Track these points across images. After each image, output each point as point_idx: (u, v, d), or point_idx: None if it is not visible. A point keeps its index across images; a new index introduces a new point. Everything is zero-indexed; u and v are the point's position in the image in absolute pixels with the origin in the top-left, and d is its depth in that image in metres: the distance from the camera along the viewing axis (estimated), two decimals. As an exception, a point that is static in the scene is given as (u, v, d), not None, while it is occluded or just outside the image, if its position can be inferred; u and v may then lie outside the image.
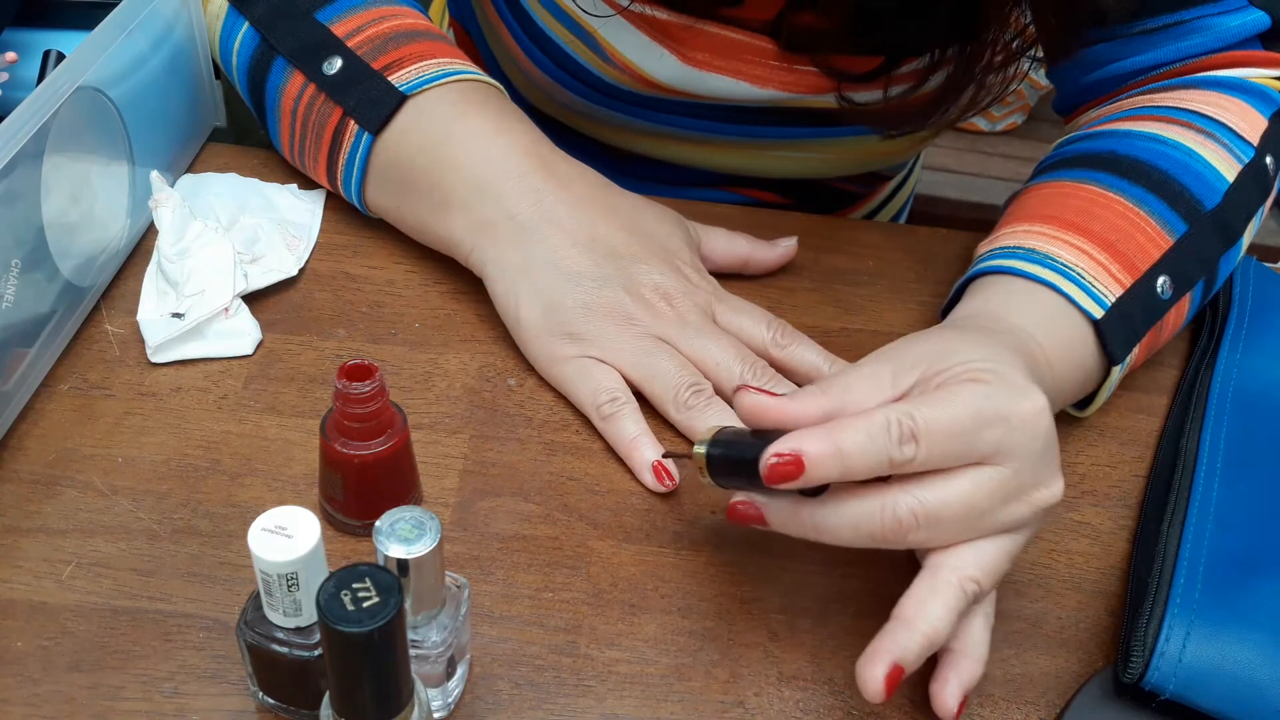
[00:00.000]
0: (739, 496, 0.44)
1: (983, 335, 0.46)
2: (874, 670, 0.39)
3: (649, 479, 0.51)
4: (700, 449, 0.44)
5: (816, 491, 0.41)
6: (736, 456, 0.42)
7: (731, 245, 0.61)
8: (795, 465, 0.38)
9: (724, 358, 0.53)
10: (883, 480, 0.41)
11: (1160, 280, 0.53)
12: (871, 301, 0.63)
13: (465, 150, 0.56)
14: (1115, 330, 0.51)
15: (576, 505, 0.50)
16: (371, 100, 0.57)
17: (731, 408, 0.50)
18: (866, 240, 0.68)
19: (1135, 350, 0.53)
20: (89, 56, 0.54)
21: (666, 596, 0.47)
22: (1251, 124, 0.58)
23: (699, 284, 0.57)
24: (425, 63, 0.58)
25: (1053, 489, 0.42)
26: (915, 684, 0.45)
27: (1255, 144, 0.58)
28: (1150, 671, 0.43)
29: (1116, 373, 0.53)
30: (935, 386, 0.41)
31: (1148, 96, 0.62)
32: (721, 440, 0.44)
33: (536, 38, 0.68)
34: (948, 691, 0.41)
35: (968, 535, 0.41)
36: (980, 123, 1.70)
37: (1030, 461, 0.41)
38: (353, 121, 0.57)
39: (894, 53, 0.61)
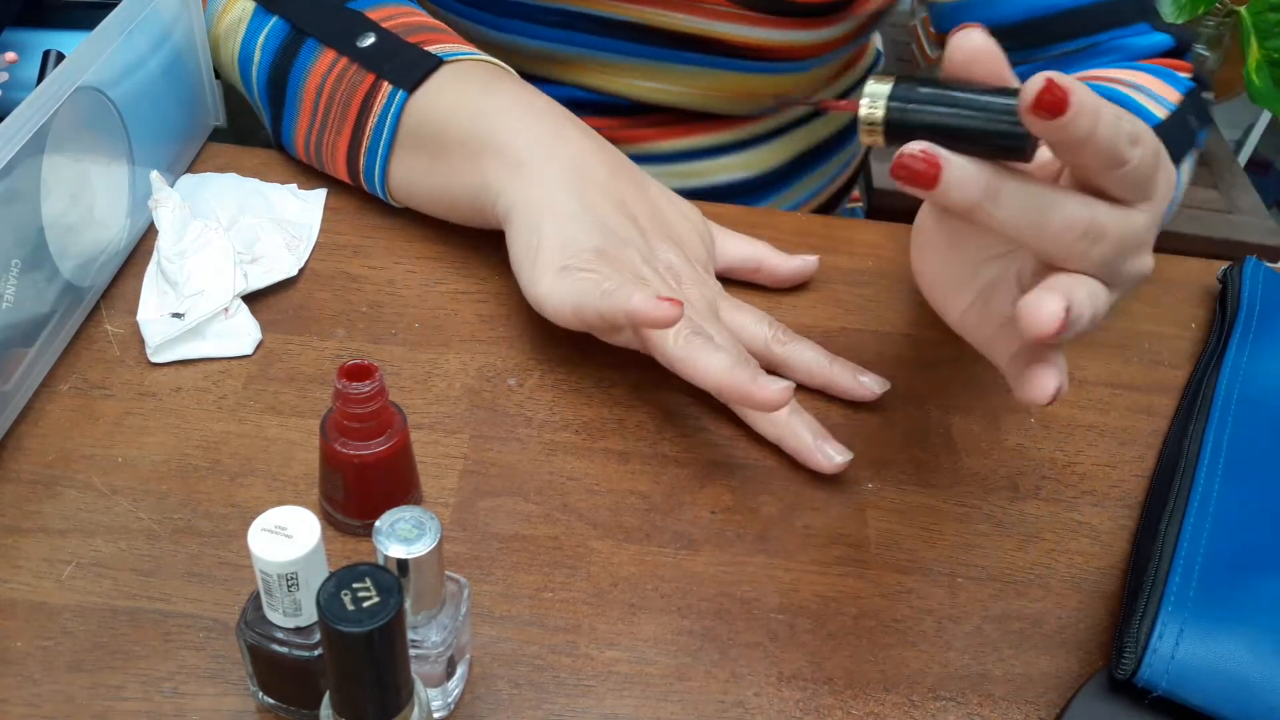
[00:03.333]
0: (913, 146, 0.37)
1: None
2: (1054, 304, 0.36)
3: (647, 309, 0.48)
4: (877, 102, 0.38)
5: (1021, 152, 0.37)
6: (938, 110, 0.37)
7: (749, 249, 0.61)
8: (1063, 96, 0.34)
9: (719, 341, 0.52)
10: None
11: (1190, 117, 0.56)
12: (871, 301, 0.63)
13: (508, 101, 0.57)
14: (1172, 135, 0.53)
15: (576, 505, 0.50)
16: (407, 64, 0.59)
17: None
18: (866, 240, 0.68)
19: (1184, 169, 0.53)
20: (89, 56, 0.54)
21: (666, 596, 0.47)
22: (1168, 92, 0.61)
23: (707, 280, 0.57)
24: (455, 44, 0.61)
25: (1150, 260, 0.41)
26: (914, 684, 0.45)
27: (1175, 103, 0.61)
28: (1142, 668, 0.43)
29: (1187, 165, 0.55)
30: None
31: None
32: (902, 93, 0.38)
33: None
34: (1047, 375, 0.39)
35: (1107, 270, 0.39)
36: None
37: (1156, 218, 0.40)
38: (386, 84, 0.59)
39: None
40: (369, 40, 0.60)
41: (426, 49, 0.59)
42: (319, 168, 0.65)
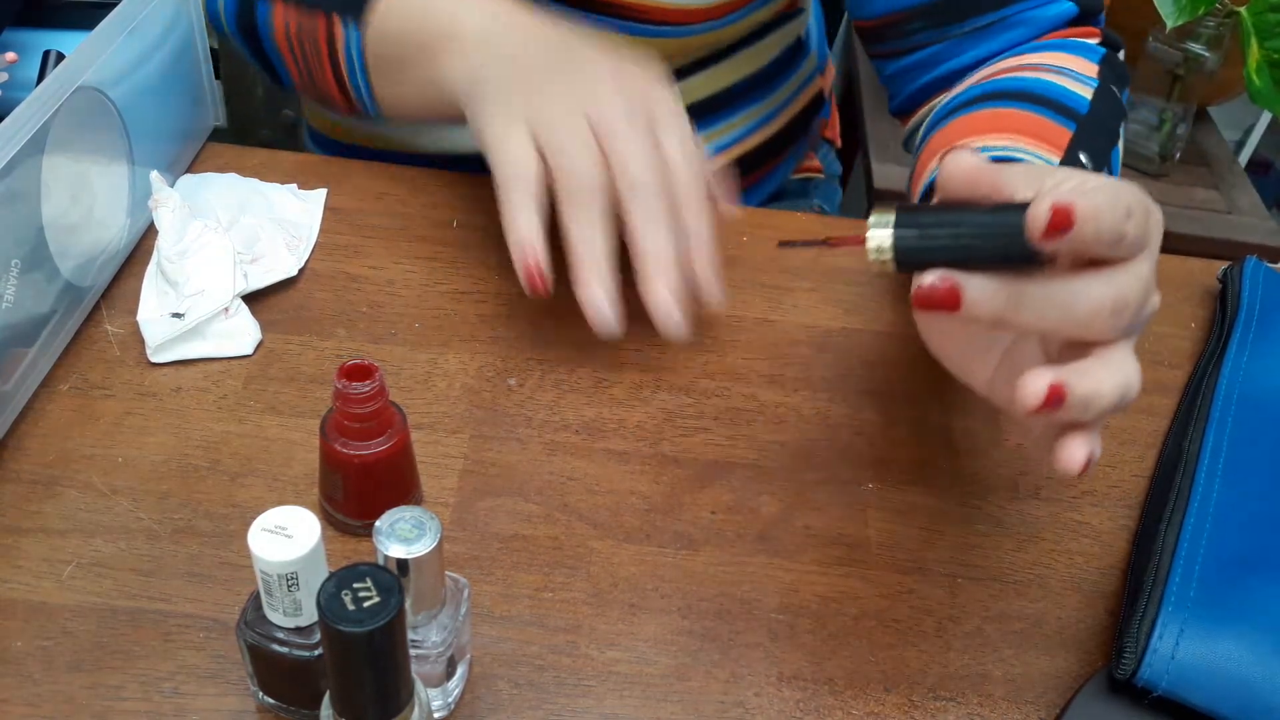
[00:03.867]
0: (930, 276, 0.38)
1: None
2: (1041, 379, 0.38)
3: (521, 269, 0.50)
4: (883, 234, 0.39)
5: (1035, 263, 0.38)
6: (946, 236, 0.38)
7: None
8: (1069, 216, 0.36)
9: (640, 161, 0.51)
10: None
11: (1081, 155, 0.55)
12: (871, 301, 0.63)
13: (450, 6, 0.57)
14: (1103, 108, 0.55)
15: (576, 505, 0.50)
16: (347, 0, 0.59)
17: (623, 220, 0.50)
18: (866, 240, 0.68)
19: None
20: (89, 56, 0.54)
21: (666, 596, 0.47)
22: (1085, 66, 0.63)
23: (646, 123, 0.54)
24: None
25: (1157, 298, 0.42)
26: (914, 684, 0.45)
27: (1095, 76, 0.62)
28: (1143, 668, 0.43)
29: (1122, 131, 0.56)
30: (1081, 189, 0.40)
31: (990, 70, 0.65)
32: (907, 223, 0.39)
33: None
34: (1077, 446, 0.40)
35: (1129, 332, 0.40)
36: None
37: (1155, 259, 0.41)
38: (338, 20, 0.59)
39: None
40: None
41: None
42: (327, 106, 0.66)
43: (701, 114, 0.77)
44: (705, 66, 0.76)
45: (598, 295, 0.50)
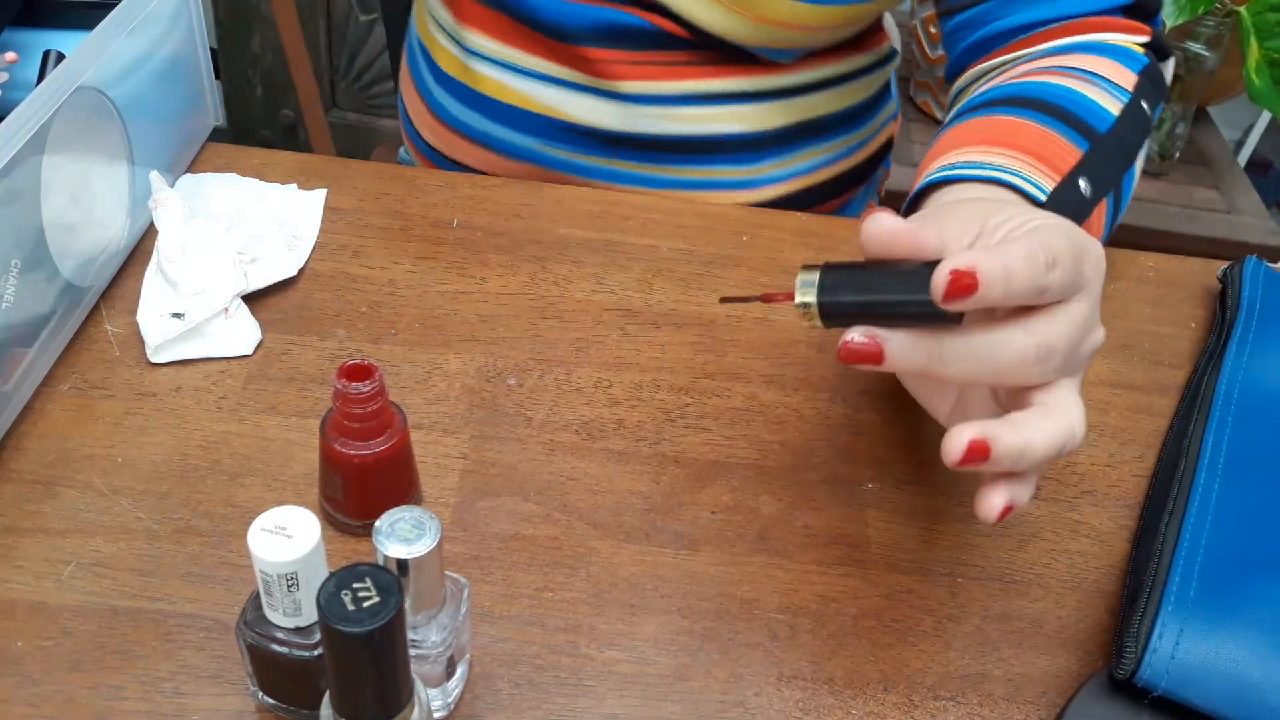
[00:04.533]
0: (853, 333, 0.41)
1: (1002, 201, 0.47)
2: (964, 435, 0.39)
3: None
4: (808, 292, 0.41)
5: (950, 321, 0.40)
6: (865, 295, 0.40)
7: None
8: (970, 280, 0.38)
9: None
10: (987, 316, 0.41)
11: (1081, 181, 0.56)
12: (871, 301, 0.63)
13: None
14: (1127, 128, 0.56)
15: (576, 505, 0.50)
16: None
17: None
18: (866, 240, 0.68)
19: None
20: (89, 56, 0.54)
21: (666, 596, 0.47)
22: (1124, 77, 0.64)
23: None
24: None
25: (1101, 332, 0.43)
26: (914, 684, 0.45)
27: (1130, 90, 0.63)
28: (1142, 668, 0.43)
29: (1142, 152, 0.57)
30: (1016, 235, 0.42)
31: (1030, 64, 0.66)
32: (831, 282, 0.41)
33: None
34: (995, 495, 0.41)
35: (1063, 374, 0.42)
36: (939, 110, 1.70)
37: (1094, 301, 0.42)
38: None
39: None
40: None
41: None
42: None
43: (789, 139, 0.78)
44: (798, 94, 0.77)
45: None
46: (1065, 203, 0.54)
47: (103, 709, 0.41)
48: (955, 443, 0.39)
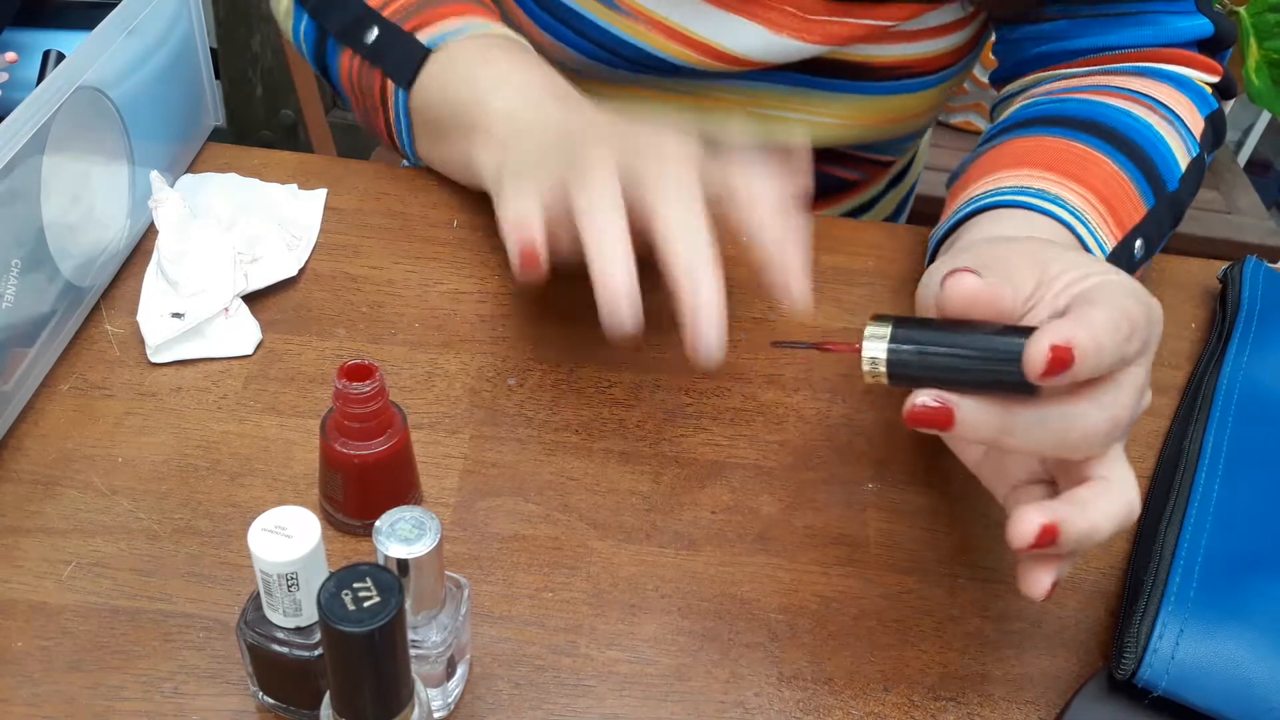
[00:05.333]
0: (923, 396, 0.38)
1: (1056, 245, 0.44)
2: (1032, 520, 0.38)
3: (515, 248, 0.46)
4: (878, 347, 0.38)
5: (1028, 391, 0.38)
6: (941, 359, 0.38)
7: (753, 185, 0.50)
8: (1067, 357, 0.36)
9: (671, 192, 0.46)
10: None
11: (1138, 242, 0.54)
12: (871, 301, 0.63)
13: (487, 87, 0.58)
14: (1190, 180, 0.54)
15: (576, 505, 0.50)
16: (403, 59, 0.61)
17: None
18: (866, 240, 0.68)
19: None
20: (89, 56, 0.54)
21: (666, 596, 0.47)
22: (1195, 121, 0.62)
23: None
24: (451, 20, 0.61)
25: (1149, 394, 0.42)
26: (914, 684, 0.45)
27: (1199, 140, 0.61)
28: (1143, 668, 0.43)
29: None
30: (1082, 288, 0.40)
31: (1106, 77, 0.64)
32: (902, 339, 0.38)
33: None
34: (1045, 575, 0.40)
35: (1122, 439, 0.40)
36: (980, 123, 1.70)
37: (1150, 360, 0.41)
38: (390, 81, 0.62)
39: None
40: (373, 35, 0.62)
41: (419, 36, 0.61)
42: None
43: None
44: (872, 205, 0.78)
45: (619, 281, 0.44)
46: (1115, 265, 0.50)
47: (103, 709, 0.41)
48: (1025, 527, 0.38)
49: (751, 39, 0.66)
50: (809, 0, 0.64)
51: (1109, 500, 0.39)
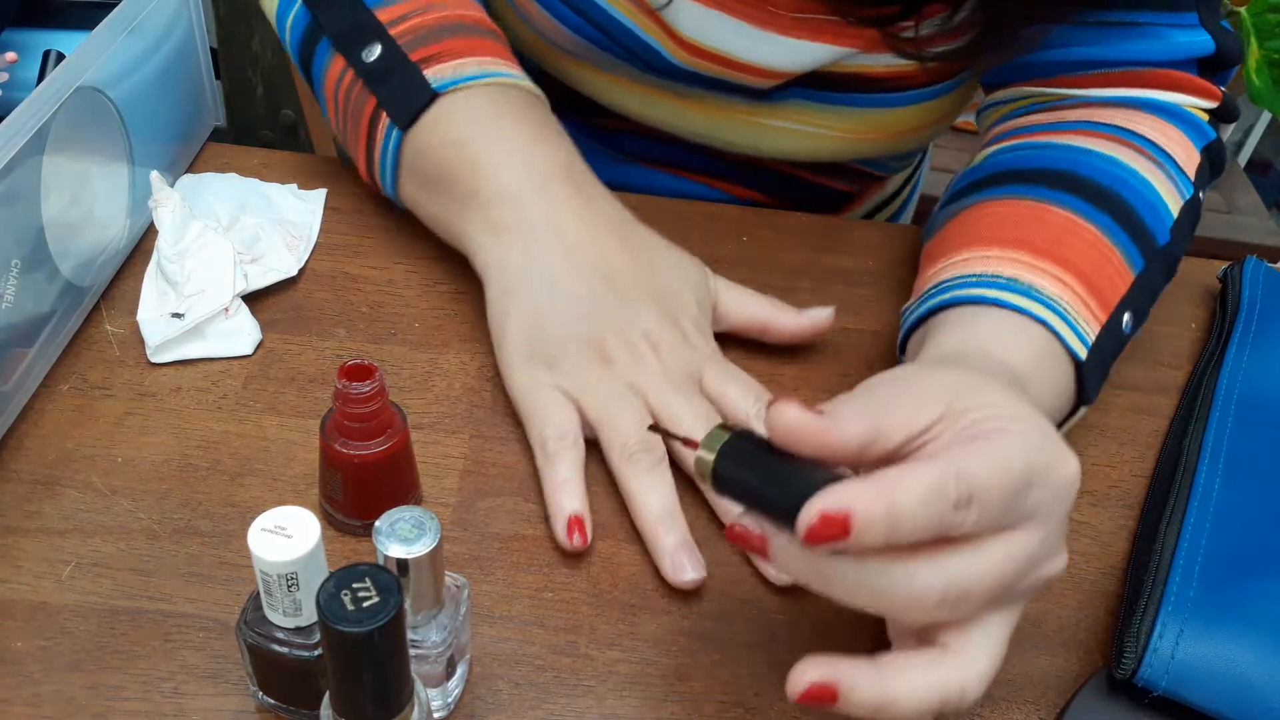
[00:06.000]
0: (745, 519, 0.38)
1: (989, 378, 0.41)
2: (807, 673, 0.35)
3: (559, 528, 0.48)
4: (707, 456, 0.38)
5: None
6: (756, 486, 0.37)
7: (750, 307, 0.57)
8: (840, 528, 0.33)
9: (690, 423, 0.49)
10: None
11: (1125, 316, 0.51)
12: (871, 301, 0.63)
13: (494, 153, 0.55)
14: (1094, 370, 0.49)
15: (576, 505, 0.50)
16: (404, 95, 0.56)
17: (675, 469, 0.50)
18: (866, 240, 0.68)
19: None
20: (89, 56, 0.54)
21: (666, 596, 0.47)
22: (1189, 157, 0.58)
23: (695, 343, 0.54)
24: (465, 60, 0.57)
25: (1061, 559, 0.38)
26: (915, 684, 0.45)
27: (1193, 179, 0.57)
28: (1143, 668, 0.43)
29: (1083, 412, 0.51)
30: (970, 434, 0.36)
31: (1092, 111, 0.60)
32: (734, 452, 0.38)
33: None
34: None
35: (990, 611, 0.37)
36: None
37: (1055, 528, 0.37)
38: (384, 115, 0.57)
39: None
40: (374, 53, 0.57)
41: (427, 72, 0.56)
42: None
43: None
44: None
45: (674, 547, 0.47)
46: (1105, 349, 0.49)
47: (103, 709, 0.41)
48: (796, 681, 0.35)
49: (741, 39, 0.62)
50: (797, 1, 0.61)
51: (932, 674, 0.36)
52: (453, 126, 0.56)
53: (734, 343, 0.59)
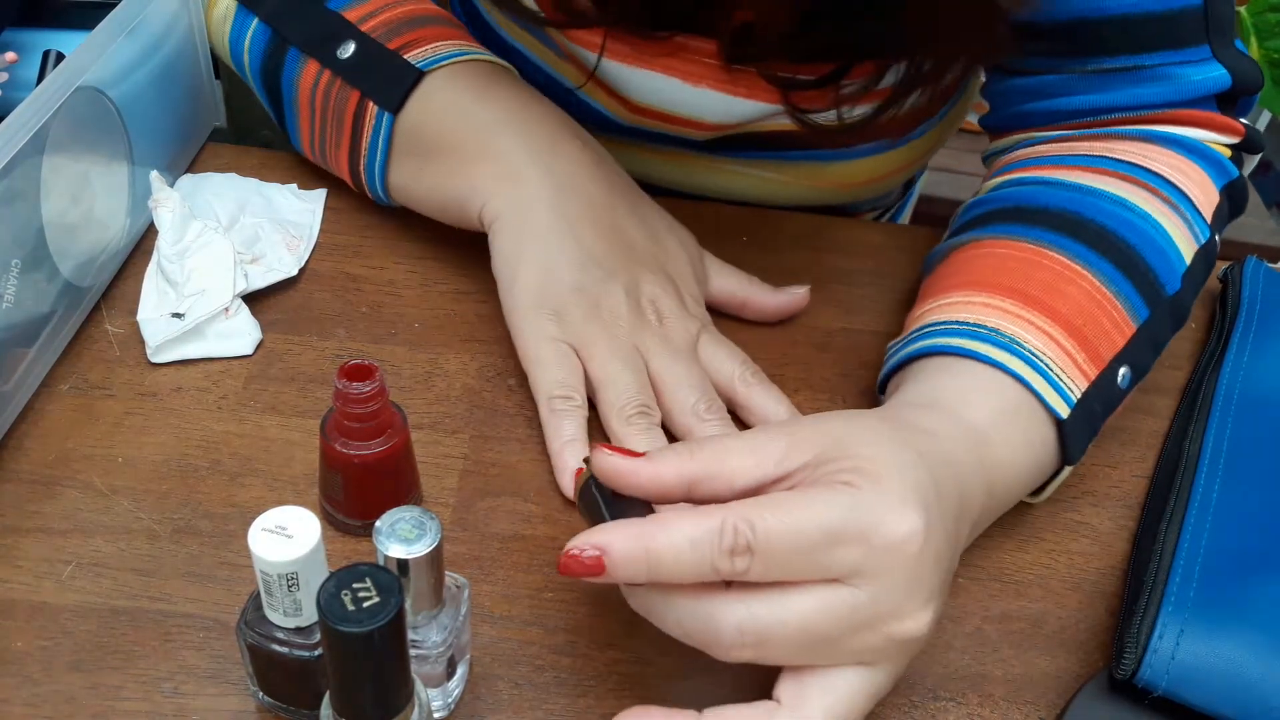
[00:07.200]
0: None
1: (907, 432, 0.41)
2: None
3: (565, 481, 0.50)
4: (583, 479, 0.42)
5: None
6: (595, 509, 0.41)
7: (736, 284, 0.59)
8: (595, 565, 0.36)
9: (685, 385, 0.52)
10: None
11: (1121, 370, 0.49)
12: (871, 301, 0.63)
13: (497, 114, 0.56)
14: (1078, 429, 0.47)
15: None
16: (388, 79, 0.57)
17: (668, 436, 0.51)
18: (866, 240, 0.68)
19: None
20: (89, 56, 0.54)
21: (666, 596, 0.47)
22: (1208, 198, 0.55)
23: (694, 312, 0.56)
24: (441, 43, 0.58)
25: (917, 620, 0.37)
26: (914, 684, 0.45)
27: (1209, 222, 0.55)
28: (1143, 668, 0.43)
29: (1067, 471, 0.49)
30: (811, 481, 0.38)
31: (1105, 142, 0.57)
32: (596, 483, 0.41)
33: (494, 44, 0.67)
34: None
35: (808, 661, 0.37)
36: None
37: (892, 588, 0.37)
38: (371, 103, 0.57)
39: (841, 57, 0.56)
40: (349, 50, 0.57)
41: (407, 56, 0.57)
42: (326, 169, 0.64)
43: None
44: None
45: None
46: (1094, 407, 0.48)
47: (103, 709, 0.41)
48: None
49: (676, 93, 0.62)
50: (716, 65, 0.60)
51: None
52: (448, 97, 0.57)
53: (734, 340, 0.59)
